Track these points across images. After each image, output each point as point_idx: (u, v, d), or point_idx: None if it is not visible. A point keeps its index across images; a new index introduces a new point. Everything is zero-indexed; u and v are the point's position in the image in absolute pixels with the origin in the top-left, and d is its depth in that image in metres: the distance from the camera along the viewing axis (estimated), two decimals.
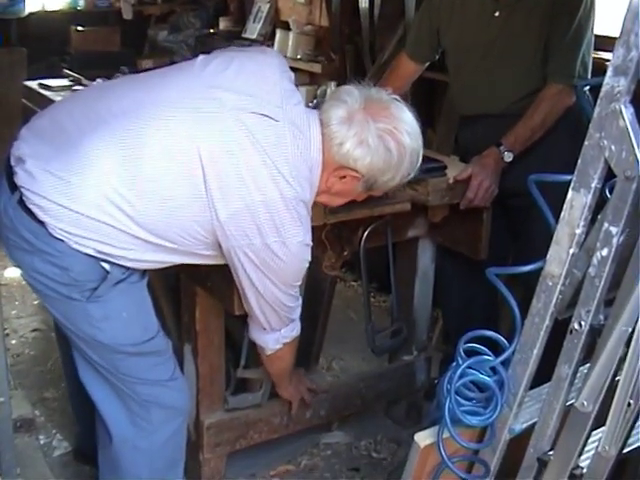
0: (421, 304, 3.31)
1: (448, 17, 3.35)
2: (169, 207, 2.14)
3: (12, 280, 4.84)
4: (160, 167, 2.13)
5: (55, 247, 2.16)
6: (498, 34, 3.18)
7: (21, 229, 2.18)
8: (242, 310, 2.47)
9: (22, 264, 2.28)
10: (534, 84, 3.14)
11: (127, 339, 2.33)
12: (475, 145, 3.36)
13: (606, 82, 1.59)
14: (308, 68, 5.74)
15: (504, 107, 3.20)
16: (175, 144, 2.13)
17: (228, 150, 2.12)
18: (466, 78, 3.36)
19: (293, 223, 2.16)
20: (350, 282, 4.92)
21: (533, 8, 3.09)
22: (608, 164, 1.61)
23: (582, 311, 1.68)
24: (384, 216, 2.83)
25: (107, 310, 2.27)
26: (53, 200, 2.12)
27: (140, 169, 2.12)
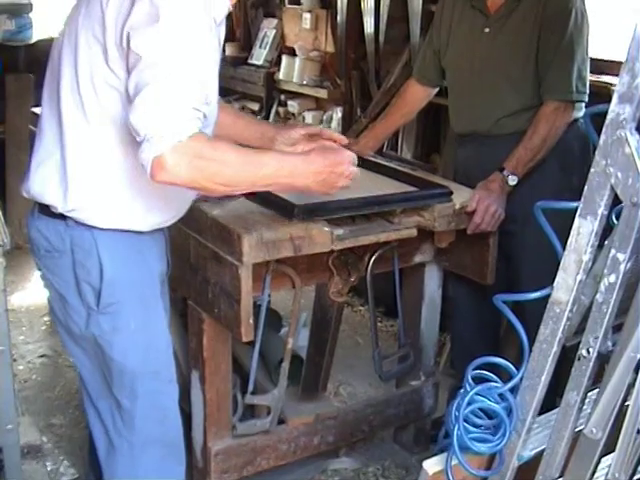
0: (428, 329, 3.30)
1: (446, 36, 3.39)
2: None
3: (20, 306, 4.86)
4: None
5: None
6: (488, 50, 3.20)
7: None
8: (249, 336, 2.47)
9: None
10: (523, 102, 3.15)
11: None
12: (467, 165, 3.39)
13: (611, 109, 1.60)
14: (314, 93, 5.77)
15: (492, 124, 3.22)
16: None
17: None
18: (458, 95, 3.39)
19: None
20: (357, 307, 4.92)
21: (522, 25, 3.11)
22: (614, 191, 1.61)
23: (590, 338, 1.69)
24: (391, 242, 2.83)
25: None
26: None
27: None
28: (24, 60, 6.35)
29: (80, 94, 2.16)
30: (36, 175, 2.27)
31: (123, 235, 2.25)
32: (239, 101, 6.58)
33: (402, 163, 3.37)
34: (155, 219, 2.31)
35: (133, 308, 2.30)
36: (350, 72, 5.42)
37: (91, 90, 2.14)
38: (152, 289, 2.36)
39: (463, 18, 3.31)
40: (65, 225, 2.23)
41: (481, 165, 3.26)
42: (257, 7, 6.68)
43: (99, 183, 2.20)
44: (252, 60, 6.49)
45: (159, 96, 1.95)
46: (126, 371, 2.33)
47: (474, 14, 3.27)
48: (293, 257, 2.56)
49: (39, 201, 2.28)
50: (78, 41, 2.16)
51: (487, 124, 3.23)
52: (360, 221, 2.67)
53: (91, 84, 2.14)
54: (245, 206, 2.63)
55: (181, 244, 2.71)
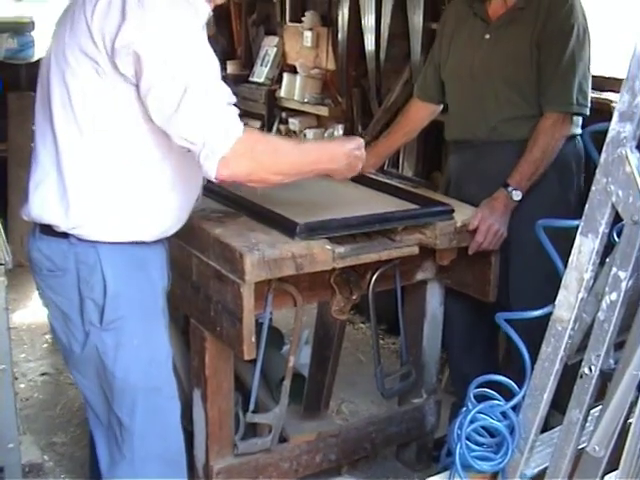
0: (430, 347, 3.30)
1: (447, 47, 3.41)
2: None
3: (21, 324, 4.86)
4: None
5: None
6: (487, 56, 3.22)
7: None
8: (251, 355, 2.47)
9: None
10: (519, 109, 3.18)
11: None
12: (459, 172, 3.40)
13: (612, 128, 1.60)
14: (315, 111, 5.79)
15: (487, 131, 3.23)
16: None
17: None
18: (456, 101, 3.40)
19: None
20: (359, 324, 4.91)
21: (522, 33, 3.13)
22: (615, 209, 1.62)
23: (592, 356, 1.69)
24: (392, 260, 2.83)
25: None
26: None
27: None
28: (26, 78, 6.36)
29: (73, 109, 2.19)
30: (35, 196, 2.29)
31: (126, 249, 2.28)
32: (240, 119, 6.59)
33: (403, 181, 3.39)
34: (158, 227, 2.34)
35: (136, 324, 2.32)
36: (351, 90, 5.44)
37: (84, 104, 2.18)
38: (155, 304, 2.39)
39: (464, 26, 3.35)
40: (68, 243, 2.25)
41: (473, 172, 3.30)
42: (258, 25, 6.72)
43: (99, 197, 2.22)
44: (253, 78, 6.51)
45: (198, 103, 2.06)
46: (128, 387, 2.34)
47: (475, 21, 3.30)
48: (295, 275, 2.56)
49: (40, 222, 2.30)
50: (66, 58, 2.19)
51: (482, 130, 3.25)
52: (361, 239, 2.67)
53: (83, 98, 2.17)
54: (247, 225, 2.64)
55: (183, 262, 2.71)
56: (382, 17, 5.06)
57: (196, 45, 2.12)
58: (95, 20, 2.12)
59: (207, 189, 2.85)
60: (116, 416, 2.38)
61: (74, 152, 2.21)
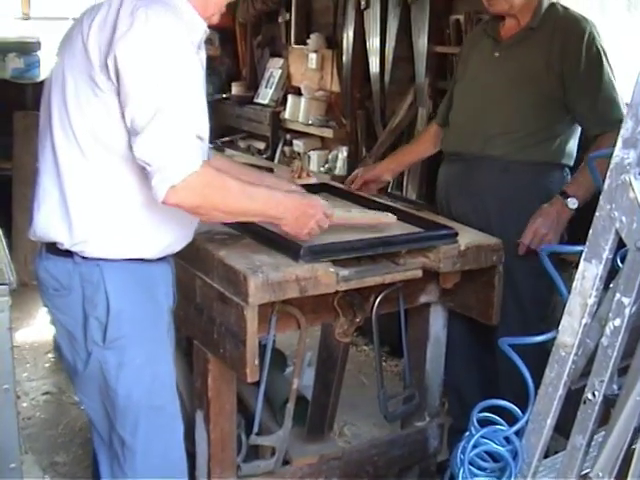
0: (433, 370, 3.29)
1: (462, 70, 3.47)
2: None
3: (24, 342, 4.86)
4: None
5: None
6: (494, 73, 3.27)
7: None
8: (255, 377, 2.47)
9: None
10: (515, 128, 3.21)
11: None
12: (448, 183, 3.43)
13: (616, 154, 1.61)
14: (319, 133, 5.82)
15: (481, 145, 3.26)
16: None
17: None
18: (457, 114, 3.43)
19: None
20: (362, 346, 4.91)
21: (533, 53, 3.17)
22: (619, 235, 1.62)
23: (595, 381, 1.68)
24: (396, 283, 2.84)
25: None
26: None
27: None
28: (32, 97, 6.40)
29: (72, 128, 2.21)
30: (39, 215, 2.32)
31: (130, 267, 2.30)
32: (245, 140, 6.63)
33: (407, 203, 3.40)
34: (161, 243, 2.36)
35: (139, 343, 2.33)
36: (355, 112, 5.47)
37: (83, 122, 2.20)
38: (159, 324, 2.40)
39: (477, 47, 3.41)
40: (73, 262, 2.27)
41: (460, 186, 3.34)
42: (263, 47, 6.76)
43: (100, 214, 2.25)
44: (258, 99, 6.55)
45: (165, 128, 2.08)
46: (130, 406, 2.35)
47: (487, 41, 3.35)
48: (299, 298, 2.56)
49: (45, 241, 2.32)
50: (65, 77, 2.23)
51: (476, 144, 3.28)
52: (365, 262, 2.67)
53: (82, 117, 2.20)
54: (251, 247, 2.64)
55: (187, 284, 2.71)
56: (387, 40, 5.10)
57: (179, 69, 2.13)
58: (91, 36, 2.17)
59: None
60: (118, 435, 2.38)
61: (74, 170, 2.24)
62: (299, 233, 2.49)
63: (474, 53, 3.41)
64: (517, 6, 3.20)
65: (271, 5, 6.41)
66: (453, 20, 4.67)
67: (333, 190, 3.44)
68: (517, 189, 3.21)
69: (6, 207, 5.94)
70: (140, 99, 2.09)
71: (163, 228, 2.34)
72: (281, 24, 6.45)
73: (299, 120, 5.97)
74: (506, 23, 3.28)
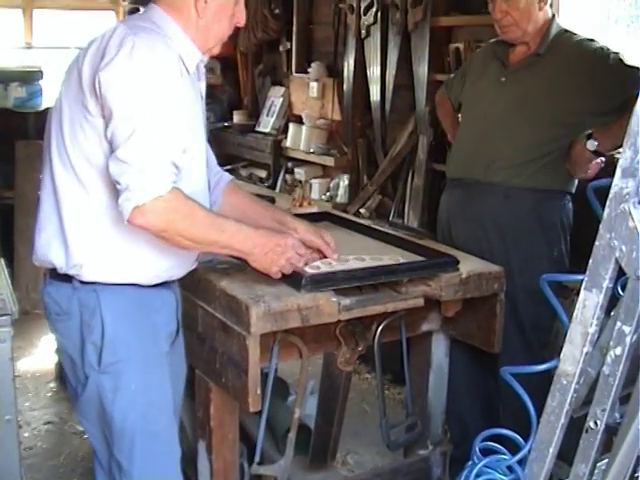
0: (436, 398, 3.29)
1: (468, 88, 3.53)
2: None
3: (26, 371, 4.85)
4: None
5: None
6: (500, 98, 3.31)
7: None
8: (257, 407, 2.47)
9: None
10: (520, 153, 3.23)
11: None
12: (449, 212, 3.44)
13: (615, 184, 1.62)
14: (320, 161, 5.83)
15: (484, 171, 3.28)
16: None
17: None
18: (462, 138, 3.45)
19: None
20: (364, 374, 4.90)
21: (538, 80, 3.21)
22: (619, 264, 1.63)
23: (597, 410, 1.69)
24: (398, 311, 2.84)
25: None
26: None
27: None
28: (34, 126, 6.43)
29: (68, 154, 2.28)
30: (40, 240, 2.38)
31: (127, 292, 2.34)
32: (246, 168, 6.65)
33: (408, 231, 3.40)
34: (157, 269, 2.39)
35: (135, 368, 2.35)
36: (356, 140, 5.48)
37: (77, 148, 2.27)
38: (155, 348, 2.42)
39: (486, 69, 3.45)
40: (72, 287, 2.32)
41: (461, 212, 3.36)
42: (265, 75, 6.79)
43: (97, 238, 2.30)
44: (260, 128, 6.57)
45: (139, 151, 2.12)
46: (126, 430, 2.36)
47: (495, 65, 3.40)
48: (301, 327, 2.56)
49: (45, 265, 2.38)
50: (62, 106, 2.31)
51: (479, 169, 3.30)
52: (367, 291, 2.68)
53: (76, 142, 2.27)
54: (253, 277, 2.64)
55: (189, 313, 2.72)
56: (387, 68, 5.13)
57: (160, 97, 2.18)
58: (85, 65, 2.24)
59: None
60: (116, 460, 2.40)
61: (71, 195, 2.30)
62: (268, 269, 2.48)
63: (483, 76, 3.44)
64: (530, 33, 3.25)
65: (272, 34, 6.45)
66: (453, 48, 4.69)
67: (335, 219, 3.45)
68: (518, 216, 3.22)
69: (8, 236, 5.95)
70: (119, 121, 2.14)
71: (158, 254, 2.36)
72: (282, 53, 6.49)
73: (300, 148, 5.98)
74: (516, 48, 3.33)
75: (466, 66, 3.73)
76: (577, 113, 3.20)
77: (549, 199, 3.25)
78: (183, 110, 2.25)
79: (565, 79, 3.17)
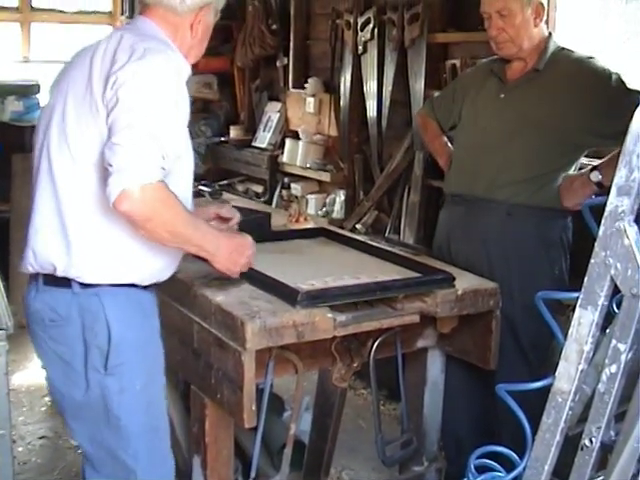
0: (431, 414, 3.28)
1: (464, 105, 3.51)
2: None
3: (20, 385, 4.83)
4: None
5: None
6: (498, 115, 3.30)
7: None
8: (252, 423, 2.46)
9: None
10: (518, 171, 3.23)
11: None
12: (449, 228, 3.43)
13: (610, 202, 1.62)
14: (317, 177, 5.83)
15: (484, 187, 3.28)
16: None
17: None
18: (461, 154, 3.45)
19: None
20: (359, 390, 4.88)
21: (537, 96, 3.21)
22: (614, 282, 1.63)
23: (592, 427, 1.68)
24: (393, 328, 2.84)
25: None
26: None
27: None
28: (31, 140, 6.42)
29: (73, 157, 2.32)
30: (37, 243, 2.40)
31: (127, 293, 2.40)
32: (243, 183, 6.64)
33: (404, 248, 3.40)
34: (153, 268, 2.45)
35: (138, 368, 2.42)
36: (353, 156, 5.49)
37: (84, 152, 2.31)
38: (154, 348, 2.50)
39: (482, 86, 3.44)
40: (71, 292, 2.35)
41: (460, 229, 3.35)
42: (261, 91, 6.80)
43: (98, 238, 2.34)
44: (256, 143, 6.57)
45: (135, 138, 2.18)
46: (132, 429, 2.42)
47: (492, 81, 3.40)
48: (296, 343, 2.56)
49: (44, 268, 2.39)
50: (66, 110, 2.36)
51: (479, 186, 3.29)
52: (363, 307, 2.68)
53: (83, 146, 2.31)
54: (249, 292, 2.65)
55: (184, 329, 2.72)
56: (384, 84, 5.13)
57: (164, 98, 2.28)
58: (94, 69, 2.32)
59: None
60: (120, 460, 2.44)
61: (73, 197, 2.33)
62: (231, 269, 2.56)
63: (480, 92, 3.43)
64: (526, 50, 3.25)
65: (269, 50, 6.46)
66: (449, 65, 4.70)
67: (331, 235, 3.46)
68: (520, 234, 3.21)
69: (3, 249, 5.94)
70: (121, 112, 2.21)
71: (154, 254, 2.41)
72: (279, 68, 6.49)
73: (297, 164, 5.98)
74: (513, 65, 3.33)
75: (454, 86, 3.72)
76: (577, 132, 3.19)
77: (551, 217, 3.24)
78: (183, 116, 2.34)
79: (565, 96, 3.17)
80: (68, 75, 2.41)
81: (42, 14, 7.15)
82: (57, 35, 7.09)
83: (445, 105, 3.63)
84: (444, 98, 3.69)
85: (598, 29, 4.32)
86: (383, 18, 5.08)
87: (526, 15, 3.22)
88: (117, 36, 2.38)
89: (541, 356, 3.27)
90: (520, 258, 3.21)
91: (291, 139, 6.14)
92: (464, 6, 4.57)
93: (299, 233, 3.48)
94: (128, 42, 2.32)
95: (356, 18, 5.29)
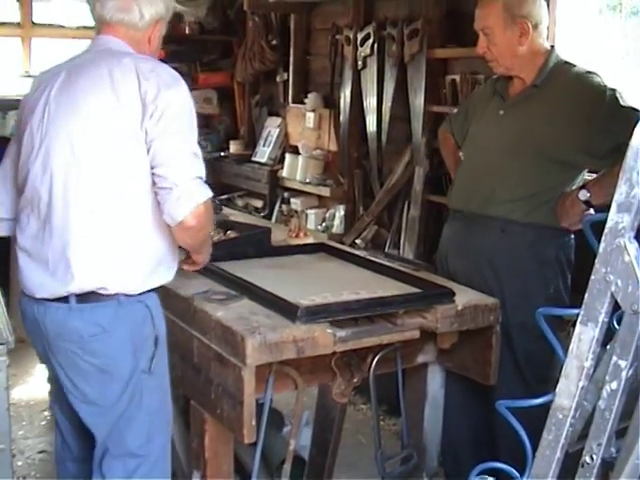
0: (431, 430, 3.28)
1: (470, 123, 3.51)
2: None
3: (20, 399, 4.82)
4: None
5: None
6: (497, 132, 3.29)
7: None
8: (252, 438, 2.46)
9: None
10: (515, 188, 3.21)
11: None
12: (448, 243, 3.44)
13: (610, 218, 1.62)
14: (317, 192, 5.84)
15: (481, 204, 3.28)
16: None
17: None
18: (463, 171, 3.45)
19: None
20: (360, 405, 4.87)
21: (535, 111, 3.20)
22: (615, 298, 1.63)
23: (593, 444, 1.68)
24: (393, 343, 2.83)
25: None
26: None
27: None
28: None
29: (113, 177, 2.45)
30: (70, 269, 2.45)
31: (157, 294, 2.59)
32: (243, 198, 6.66)
33: (404, 263, 3.40)
34: (173, 269, 2.65)
35: (164, 362, 2.62)
36: (353, 171, 5.51)
37: (124, 169, 2.45)
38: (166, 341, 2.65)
39: (487, 104, 3.44)
40: (117, 303, 2.48)
41: (459, 245, 3.36)
42: (261, 106, 6.83)
43: (134, 252, 2.49)
44: (256, 158, 6.59)
45: (191, 160, 2.44)
46: (154, 417, 2.61)
47: (495, 99, 3.39)
48: (296, 358, 2.56)
49: (76, 291, 2.46)
50: (70, 130, 2.47)
51: (476, 202, 3.29)
52: (363, 322, 2.68)
53: (124, 163, 2.45)
54: (249, 307, 2.65)
55: (185, 344, 2.73)
56: (383, 99, 5.16)
57: (193, 120, 2.53)
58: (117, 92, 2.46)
59: (210, 271, 2.89)
60: (129, 449, 2.60)
61: (111, 212, 2.46)
62: (204, 263, 2.81)
63: (484, 110, 3.43)
64: (516, 68, 3.23)
65: (269, 65, 6.49)
66: (449, 80, 4.73)
67: (330, 250, 3.46)
68: (514, 251, 3.20)
69: (4, 264, 5.92)
70: (175, 139, 2.44)
71: (172, 255, 2.62)
72: (279, 83, 6.53)
73: (297, 179, 6.00)
74: (515, 81, 3.31)
75: (468, 102, 3.72)
76: (571, 150, 3.17)
77: (546, 236, 3.22)
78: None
79: (562, 113, 3.15)
80: (62, 102, 2.51)
81: (43, 29, 7.16)
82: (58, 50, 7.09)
83: (460, 121, 3.63)
84: (459, 114, 3.69)
85: (598, 44, 4.33)
86: (383, 34, 5.10)
87: (507, 34, 3.18)
88: (114, 61, 2.50)
89: (537, 372, 3.26)
90: (512, 276, 3.20)
91: (291, 154, 6.16)
92: (464, 22, 4.56)
93: (299, 248, 3.48)
94: (144, 66, 2.48)
95: (356, 34, 5.32)
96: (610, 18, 4.40)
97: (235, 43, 7.06)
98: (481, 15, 3.26)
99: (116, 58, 2.51)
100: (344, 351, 2.68)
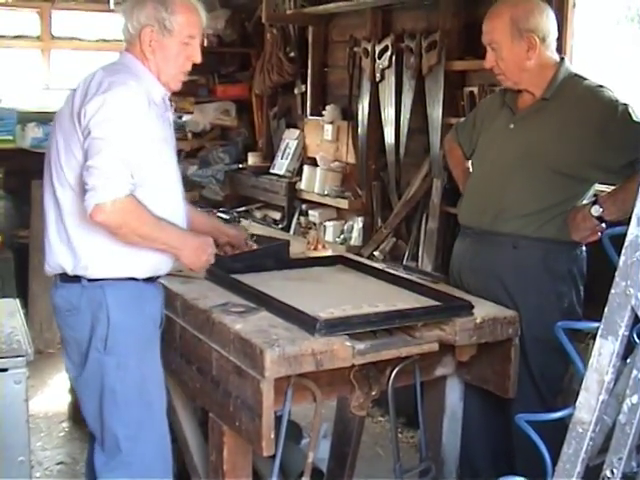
0: (450, 442, 3.27)
1: (478, 134, 3.49)
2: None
3: (38, 411, 4.83)
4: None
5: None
6: (507, 146, 3.27)
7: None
8: (270, 451, 2.46)
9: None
10: (531, 204, 3.19)
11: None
12: (460, 260, 3.42)
13: (631, 232, 1.62)
14: (335, 204, 5.84)
15: (491, 220, 3.26)
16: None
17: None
18: (473, 187, 3.43)
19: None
20: (378, 417, 4.87)
21: (545, 125, 3.18)
22: (635, 312, 1.62)
23: (614, 459, 1.67)
24: (412, 356, 2.83)
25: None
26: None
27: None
28: None
29: (65, 174, 2.74)
30: (50, 251, 2.83)
31: (127, 286, 2.80)
32: (261, 210, 6.67)
33: (422, 275, 3.40)
34: (149, 264, 2.83)
35: (132, 348, 2.79)
36: (371, 183, 5.51)
37: (71, 168, 2.72)
38: (148, 332, 2.86)
39: (495, 116, 3.41)
40: (81, 286, 2.79)
41: (469, 261, 3.35)
42: (279, 118, 6.84)
43: (97, 241, 2.73)
44: (274, 170, 6.60)
45: (105, 161, 2.58)
46: (126, 402, 2.79)
47: (504, 112, 3.36)
48: (315, 371, 2.56)
49: (57, 271, 2.83)
50: (57, 138, 2.79)
51: (486, 218, 3.27)
52: (381, 335, 2.68)
53: (70, 164, 2.72)
54: (268, 320, 2.65)
55: (203, 357, 2.73)
56: (402, 111, 5.16)
57: (127, 123, 2.67)
58: (75, 104, 2.75)
59: (228, 283, 2.90)
60: (115, 428, 2.80)
61: (72, 208, 2.75)
62: (195, 263, 2.92)
63: (493, 122, 3.41)
64: (524, 81, 3.21)
65: (287, 77, 6.51)
66: (467, 92, 4.72)
67: (348, 262, 3.46)
68: (526, 267, 3.18)
69: (23, 275, 5.96)
70: (93, 139, 2.62)
71: (146, 251, 2.78)
72: (297, 96, 6.54)
73: (315, 191, 6.01)
74: (524, 94, 3.28)
75: (475, 113, 3.70)
76: (581, 165, 3.15)
77: (558, 250, 3.20)
78: (147, 133, 2.72)
79: (572, 127, 3.13)
80: (60, 110, 2.84)
81: (63, 42, 7.22)
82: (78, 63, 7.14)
83: (467, 131, 3.61)
84: (466, 124, 3.67)
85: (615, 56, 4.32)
86: (401, 46, 5.11)
87: (515, 49, 3.17)
88: (92, 74, 2.80)
89: (551, 386, 3.25)
90: (525, 292, 3.17)
91: (309, 166, 6.17)
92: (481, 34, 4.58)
93: (317, 261, 3.49)
94: (98, 78, 2.74)
95: (374, 46, 5.33)
96: (628, 29, 4.38)
97: (253, 55, 7.08)
98: (488, 29, 3.24)
99: (96, 74, 2.79)
100: (363, 364, 2.68)
